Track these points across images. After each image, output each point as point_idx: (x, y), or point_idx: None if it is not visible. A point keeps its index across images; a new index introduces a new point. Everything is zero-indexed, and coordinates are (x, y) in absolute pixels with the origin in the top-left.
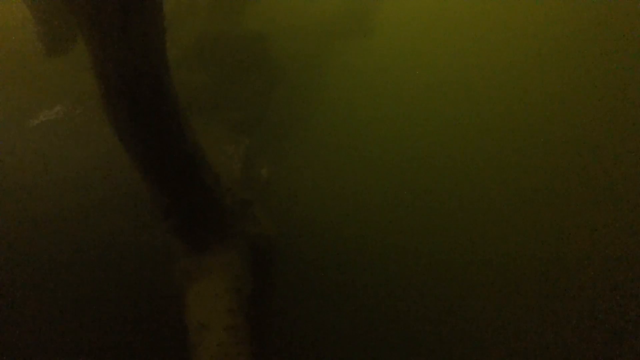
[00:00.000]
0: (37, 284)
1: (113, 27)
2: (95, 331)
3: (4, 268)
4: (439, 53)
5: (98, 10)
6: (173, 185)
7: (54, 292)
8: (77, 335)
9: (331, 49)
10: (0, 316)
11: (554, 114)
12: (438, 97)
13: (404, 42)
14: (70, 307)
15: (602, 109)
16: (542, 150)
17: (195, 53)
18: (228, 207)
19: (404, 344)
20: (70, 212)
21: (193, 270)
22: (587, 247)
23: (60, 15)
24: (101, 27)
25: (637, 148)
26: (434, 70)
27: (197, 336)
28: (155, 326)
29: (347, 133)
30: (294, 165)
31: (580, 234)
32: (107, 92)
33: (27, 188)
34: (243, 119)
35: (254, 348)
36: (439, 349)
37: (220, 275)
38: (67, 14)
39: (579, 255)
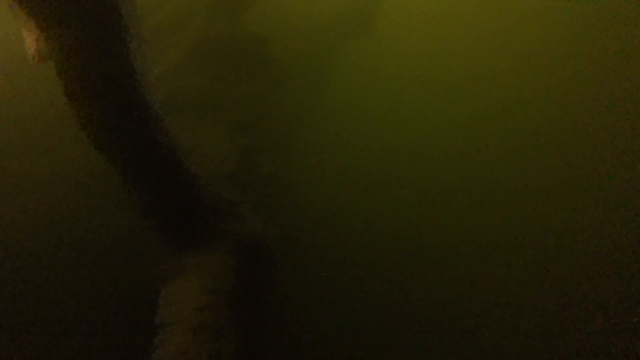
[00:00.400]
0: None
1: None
2: (70, 332)
3: None
4: (440, 52)
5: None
6: (151, 186)
7: (36, 288)
8: (46, 335)
9: (333, 49)
10: None
11: (554, 113)
12: (439, 96)
13: (405, 42)
14: (43, 303)
15: (602, 106)
16: (543, 147)
17: (195, 55)
18: (210, 207)
19: (405, 343)
20: (54, 210)
21: (171, 269)
22: (590, 244)
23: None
24: (81, 34)
25: (637, 146)
26: (435, 69)
27: (161, 335)
28: (130, 326)
29: (348, 132)
30: (295, 163)
31: (583, 230)
32: (81, 94)
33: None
34: (242, 119)
35: (236, 345)
36: (438, 350)
37: (195, 274)
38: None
39: (582, 252)
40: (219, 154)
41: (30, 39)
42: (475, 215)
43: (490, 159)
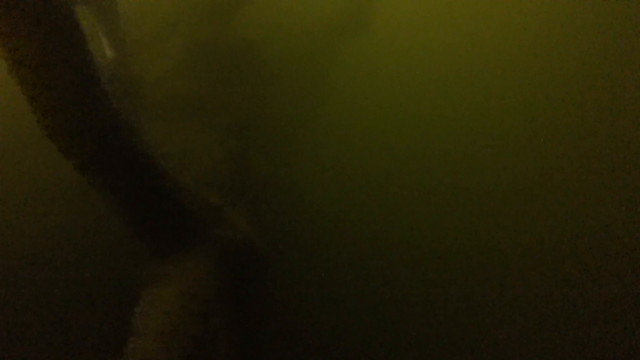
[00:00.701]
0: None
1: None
2: (50, 337)
3: None
4: (439, 52)
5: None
6: (132, 193)
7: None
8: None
9: (329, 48)
10: None
11: (554, 112)
12: (439, 95)
13: (404, 41)
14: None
15: (604, 105)
16: (543, 147)
17: (188, 59)
18: (194, 213)
19: (405, 343)
20: (39, 215)
21: (152, 276)
22: (591, 244)
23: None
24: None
25: (635, 146)
26: (434, 69)
27: (132, 342)
28: (112, 332)
29: (347, 132)
30: (293, 164)
31: (584, 230)
32: (53, 104)
33: None
34: (234, 123)
35: (223, 351)
36: (438, 350)
37: (175, 281)
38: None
39: (583, 252)
40: (214, 156)
41: None
42: (475, 215)
43: (490, 158)
